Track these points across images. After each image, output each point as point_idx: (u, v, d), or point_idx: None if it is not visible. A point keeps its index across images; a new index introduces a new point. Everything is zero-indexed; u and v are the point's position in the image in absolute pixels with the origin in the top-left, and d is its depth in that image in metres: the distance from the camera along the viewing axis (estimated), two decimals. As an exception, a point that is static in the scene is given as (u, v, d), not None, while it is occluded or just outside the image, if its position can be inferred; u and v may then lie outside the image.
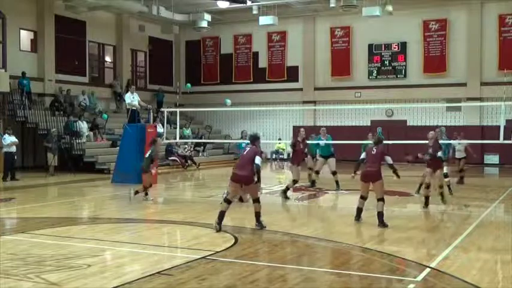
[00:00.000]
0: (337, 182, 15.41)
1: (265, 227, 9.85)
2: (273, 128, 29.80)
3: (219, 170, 24.02)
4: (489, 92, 24.54)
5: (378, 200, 10.19)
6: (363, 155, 10.59)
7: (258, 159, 9.67)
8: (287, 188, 13.96)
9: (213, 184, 19.43)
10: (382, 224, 10.07)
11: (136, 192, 13.65)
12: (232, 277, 6.73)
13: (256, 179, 9.78)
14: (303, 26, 29.30)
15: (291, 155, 13.85)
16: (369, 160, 10.38)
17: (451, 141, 17.02)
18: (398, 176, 10.54)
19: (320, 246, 8.77)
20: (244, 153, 10.02)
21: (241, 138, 17.47)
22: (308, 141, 15.10)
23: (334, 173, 15.56)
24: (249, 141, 10.34)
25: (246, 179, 9.74)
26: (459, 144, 17.40)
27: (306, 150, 14.83)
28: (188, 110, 26.88)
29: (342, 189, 15.18)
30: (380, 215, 10.13)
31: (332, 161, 15.67)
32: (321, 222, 11.16)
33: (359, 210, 10.54)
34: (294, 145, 13.83)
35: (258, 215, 9.92)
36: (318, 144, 15.99)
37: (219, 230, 9.52)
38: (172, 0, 25.96)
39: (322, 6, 27.07)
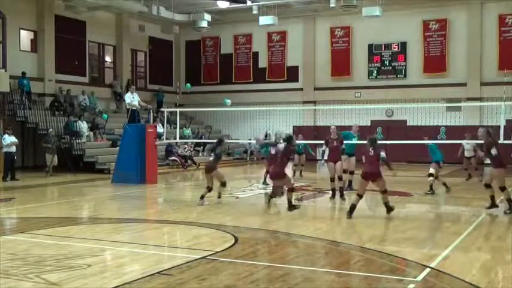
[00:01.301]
0: (350, 182, 15.32)
1: (296, 207, 11.74)
2: (273, 128, 29.72)
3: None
4: (489, 92, 24.54)
5: (382, 192, 10.90)
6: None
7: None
8: (333, 191, 13.85)
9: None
10: (389, 209, 10.93)
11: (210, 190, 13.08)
12: (232, 277, 6.73)
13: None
14: (303, 26, 29.31)
15: (326, 153, 14.00)
16: (367, 161, 10.92)
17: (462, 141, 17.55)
18: (391, 169, 11.26)
19: (320, 246, 8.76)
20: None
21: (265, 137, 18.09)
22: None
23: (352, 172, 15.48)
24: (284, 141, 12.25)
25: (276, 174, 12.05)
26: (468, 144, 17.63)
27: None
28: (188, 110, 26.88)
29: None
30: (387, 204, 10.93)
31: (353, 159, 15.57)
32: (321, 222, 11.15)
33: (353, 207, 10.91)
34: (327, 143, 13.87)
35: (289, 201, 11.86)
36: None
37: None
38: (172, 0, 25.97)
39: (322, 6, 27.08)
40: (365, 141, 15.95)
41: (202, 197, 12.93)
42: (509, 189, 11.95)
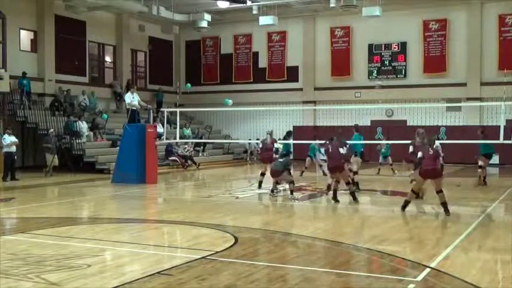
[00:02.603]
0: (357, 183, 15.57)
1: (356, 200, 13.13)
2: (273, 128, 29.65)
3: (219, 170, 24.03)
4: (489, 92, 24.54)
5: (438, 192, 11.22)
6: (420, 154, 11.51)
7: (342, 150, 13.10)
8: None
9: (213, 184, 19.43)
10: (447, 211, 11.19)
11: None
12: (232, 277, 6.73)
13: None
14: (303, 26, 29.30)
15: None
16: (427, 159, 11.31)
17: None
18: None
19: (320, 246, 8.76)
20: (330, 150, 13.27)
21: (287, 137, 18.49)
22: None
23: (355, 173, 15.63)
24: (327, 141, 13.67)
25: (337, 167, 13.12)
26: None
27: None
28: (188, 110, 26.88)
29: (342, 189, 15.08)
30: (444, 204, 11.21)
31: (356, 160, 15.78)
32: (321, 222, 11.16)
33: (406, 203, 11.57)
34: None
35: (353, 194, 13.25)
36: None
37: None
38: (172, 0, 25.97)
39: (322, 6, 27.08)
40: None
41: (272, 191, 14.35)
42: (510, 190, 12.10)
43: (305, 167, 20.21)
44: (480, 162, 16.78)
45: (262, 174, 15.79)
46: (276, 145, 16.21)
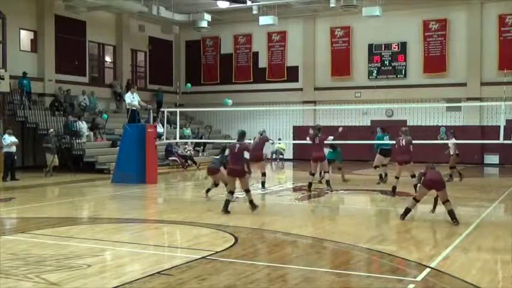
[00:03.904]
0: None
1: (257, 206, 11.68)
2: (273, 128, 29.78)
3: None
4: (489, 92, 24.55)
5: (444, 202, 10.37)
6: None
7: (246, 154, 11.53)
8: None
9: (213, 184, 19.40)
10: (455, 220, 10.23)
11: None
12: (232, 277, 6.73)
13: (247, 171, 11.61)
14: (303, 26, 29.30)
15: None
16: (429, 171, 10.53)
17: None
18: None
19: (320, 246, 8.77)
20: (236, 150, 11.59)
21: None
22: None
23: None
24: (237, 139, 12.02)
25: (238, 172, 11.52)
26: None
27: None
28: (188, 110, 26.87)
29: (342, 189, 15.13)
30: (451, 212, 10.30)
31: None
32: (321, 222, 11.16)
33: (407, 211, 10.66)
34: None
35: (251, 202, 11.69)
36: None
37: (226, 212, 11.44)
38: (172, 0, 25.97)
39: (322, 6, 27.07)
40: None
41: (207, 191, 14.09)
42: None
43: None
44: None
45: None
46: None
